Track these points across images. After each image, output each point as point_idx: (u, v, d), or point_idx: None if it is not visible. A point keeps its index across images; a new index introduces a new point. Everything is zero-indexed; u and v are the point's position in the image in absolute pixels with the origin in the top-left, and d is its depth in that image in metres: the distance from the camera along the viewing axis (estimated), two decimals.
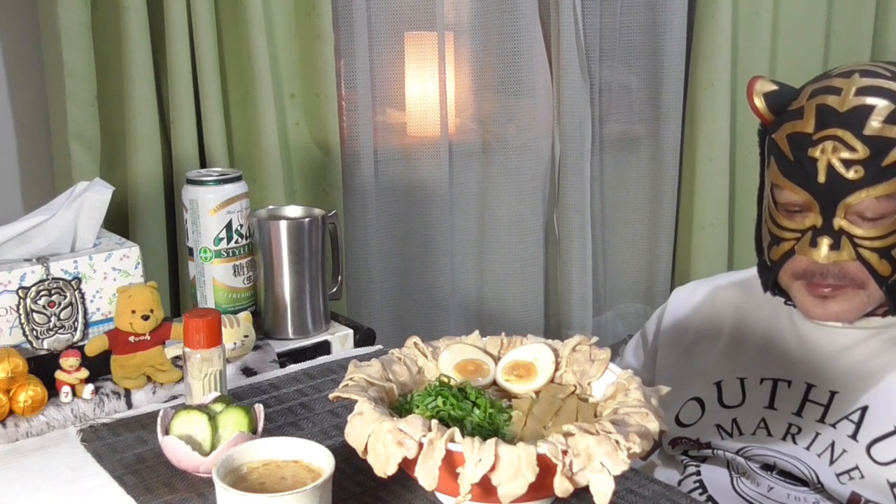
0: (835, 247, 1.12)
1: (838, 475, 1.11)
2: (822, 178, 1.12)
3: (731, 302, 1.32)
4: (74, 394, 1.10)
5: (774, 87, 1.23)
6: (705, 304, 1.35)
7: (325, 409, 1.10)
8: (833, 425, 1.14)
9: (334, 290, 1.42)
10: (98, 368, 1.13)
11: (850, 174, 1.10)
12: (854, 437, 1.12)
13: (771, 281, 1.23)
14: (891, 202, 1.10)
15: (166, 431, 0.94)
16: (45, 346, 1.15)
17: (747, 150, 2.30)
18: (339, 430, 1.03)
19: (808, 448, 1.15)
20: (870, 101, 1.12)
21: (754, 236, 1.27)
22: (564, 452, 0.77)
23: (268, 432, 0.98)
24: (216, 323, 1.01)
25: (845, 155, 1.10)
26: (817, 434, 1.15)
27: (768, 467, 1.17)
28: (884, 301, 1.16)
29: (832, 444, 1.13)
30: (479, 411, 0.89)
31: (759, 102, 1.21)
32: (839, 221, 1.12)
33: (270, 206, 1.42)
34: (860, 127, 1.10)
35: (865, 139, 1.10)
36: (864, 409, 1.13)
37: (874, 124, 1.10)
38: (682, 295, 1.40)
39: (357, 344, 1.37)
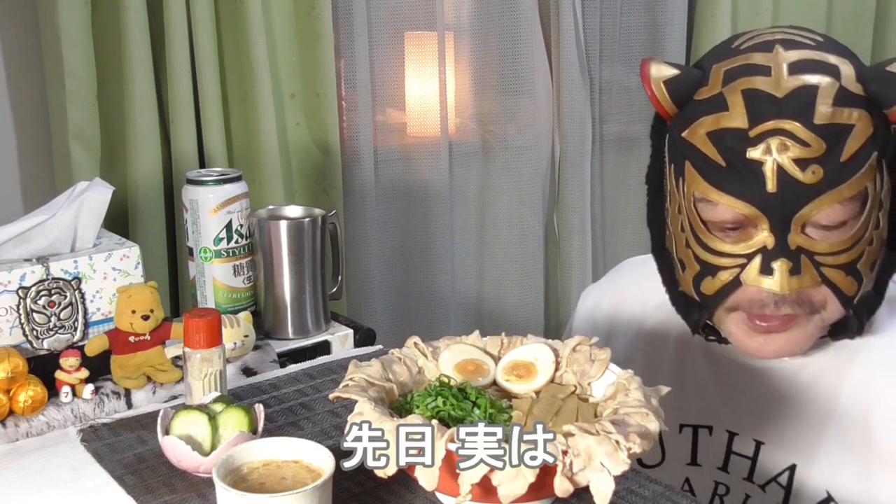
0: (795, 271, 0.88)
1: None
2: (771, 186, 0.87)
3: (635, 318, 1.10)
4: (74, 394, 1.09)
5: (675, 72, 0.97)
6: (611, 321, 1.11)
7: (325, 409, 1.10)
8: (762, 487, 0.96)
9: (334, 290, 1.42)
10: (98, 368, 1.13)
11: (808, 176, 0.86)
12: None
13: (703, 322, 0.98)
14: (853, 204, 0.88)
15: (166, 431, 0.93)
16: (45, 346, 1.15)
17: None
18: (339, 430, 1.03)
19: None
20: (809, 79, 0.88)
21: (654, 257, 1.07)
22: (564, 452, 0.77)
23: (268, 432, 0.98)
24: (216, 323, 1.01)
25: (797, 153, 0.86)
26: (747, 497, 0.97)
27: None
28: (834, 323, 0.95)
29: None
30: (479, 411, 0.88)
31: (659, 91, 0.98)
32: (795, 238, 0.88)
33: (270, 206, 1.42)
34: (809, 115, 0.86)
35: (818, 129, 0.86)
36: (792, 470, 0.94)
37: (823, 109, 0.87)
38: (588, 304, 1.16)
39: (357, 344, 1.37)
